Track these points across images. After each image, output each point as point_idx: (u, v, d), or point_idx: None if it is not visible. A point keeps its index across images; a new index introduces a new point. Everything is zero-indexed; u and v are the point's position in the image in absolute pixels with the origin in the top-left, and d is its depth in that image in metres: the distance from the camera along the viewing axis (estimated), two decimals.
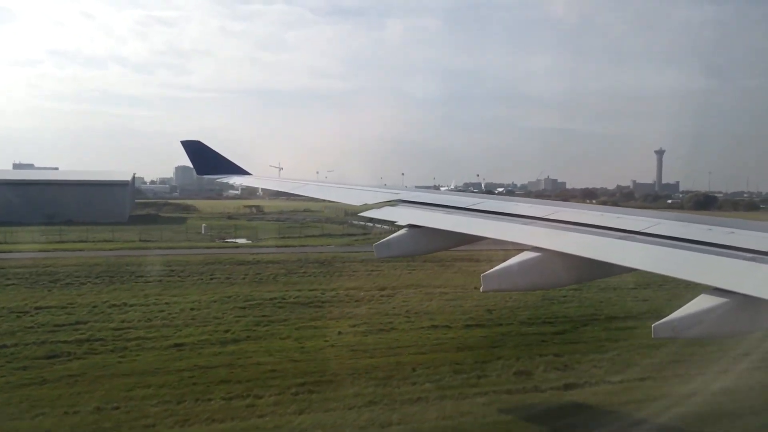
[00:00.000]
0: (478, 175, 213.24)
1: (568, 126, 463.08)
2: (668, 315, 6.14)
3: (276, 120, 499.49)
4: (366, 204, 13.20)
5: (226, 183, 22.65)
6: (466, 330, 25.00)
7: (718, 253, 6.65)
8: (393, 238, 10.98)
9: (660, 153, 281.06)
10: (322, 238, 61.10)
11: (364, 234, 64.95)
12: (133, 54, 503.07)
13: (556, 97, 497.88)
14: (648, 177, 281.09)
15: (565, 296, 30.42)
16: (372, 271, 40.03)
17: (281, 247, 54.40)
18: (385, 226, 68.88)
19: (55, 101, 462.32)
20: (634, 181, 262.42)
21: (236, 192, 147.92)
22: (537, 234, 8.86)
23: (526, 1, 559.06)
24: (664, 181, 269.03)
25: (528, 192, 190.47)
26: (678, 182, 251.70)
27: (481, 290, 8.44)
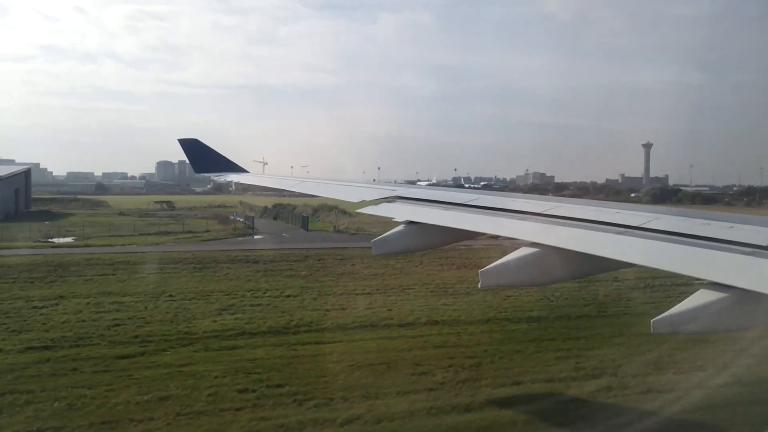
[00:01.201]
0: (455, 170, 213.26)
1: (562, 121, 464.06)
2: (667, 311, 6.13)
3: (268, 115, 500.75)
4: (363, 201, 13.16)
5: (223, 181, 22.62)
6: (19, 354, 19.95)
7: (717, 248, 6.62)
8: (390, 234, 10.94)
9: (648, 146, 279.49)
10: (154, 236, 56.96)
11: (206, 231, 61.79)
12: (126, 49, 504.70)
13: (550, 93, 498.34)
14: (639, 171, 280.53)
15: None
16: (95, 275, 35.19)
17: (90, 246, 49.17)
18: (257, 221, 68.72)
19: (49, 97, 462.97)
20: (622, 175, 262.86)
21: (209, 187, 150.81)
22: (535, 229, 8.83)
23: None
24: (653, 175, 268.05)
25: (503, 186, 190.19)
26: (667, 176, 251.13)
27: (479, 286, 8.41)
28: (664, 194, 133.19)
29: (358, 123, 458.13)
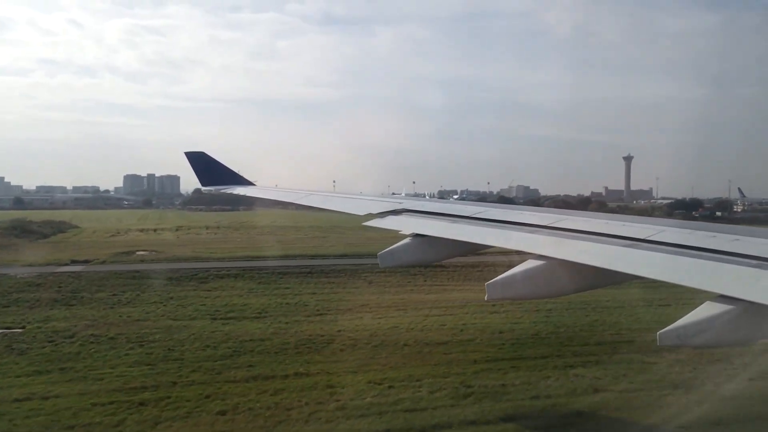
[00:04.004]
0: (414, 183, 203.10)
1: (558, 134, 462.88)
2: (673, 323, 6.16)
3: (269, 128, 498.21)
4: (370, 213, 13.23)
5: (230, 194, 22.78)
6: None
7: (723, 260, 6.67)
8: (397, 247, 10.99)
9: (628, 159, 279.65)
10: None
11: None
12: (125, 63, 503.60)
13: (549, 106, 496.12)
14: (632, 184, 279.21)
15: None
16: None
17: None
18: None
19: (50, 111, 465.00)
20: (606, 188, 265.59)
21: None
22: (541, 242, 8.88)
23: (521, 11, 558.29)
24: (637, 188, 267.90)
25: (462, 197, 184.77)
26: (651, 189, 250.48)
27: (485, 299, 8.45)
28: (569, 204, 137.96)
29: (358, 136, 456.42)
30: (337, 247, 61.39)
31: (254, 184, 21.93)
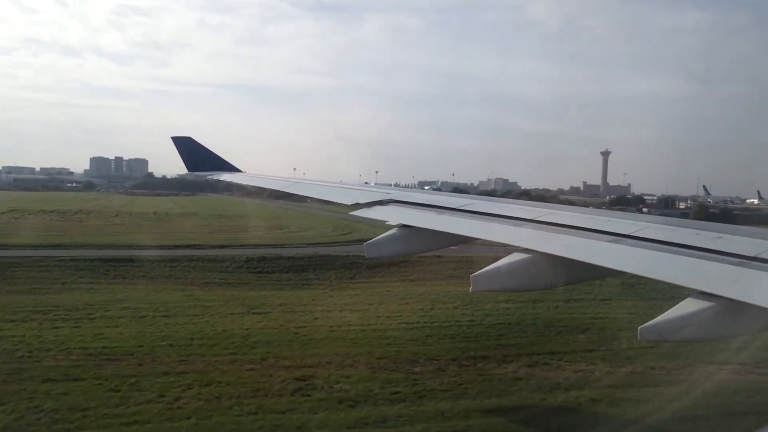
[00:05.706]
0: (377, 172, 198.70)
1: (543, 128, 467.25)
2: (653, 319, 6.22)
3: (257, 115, 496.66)
4: (357, 203, 13.17)
5: (216, 180, 22.57)
6: None
7: (705, 258, 6.73)
8: (383, 237, 10.96)
9: (606, 154, 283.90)
10: None
11: None
12: (111, 44, 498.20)
13: (535, 100, 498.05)
14: (618, 180, 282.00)
15: None
16: None
17: None
18: None
19: (33, 91, 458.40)
20: (584, 182, 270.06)
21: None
22: (527, 235, 8.92)
23: (510, 5, 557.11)
24: (616, 183, 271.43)
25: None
26: (630, 185, 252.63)
27: (470, 291, 8.47)
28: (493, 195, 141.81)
29: (344, 125, 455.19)
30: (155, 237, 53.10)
31: (241, 171, 21.75)
